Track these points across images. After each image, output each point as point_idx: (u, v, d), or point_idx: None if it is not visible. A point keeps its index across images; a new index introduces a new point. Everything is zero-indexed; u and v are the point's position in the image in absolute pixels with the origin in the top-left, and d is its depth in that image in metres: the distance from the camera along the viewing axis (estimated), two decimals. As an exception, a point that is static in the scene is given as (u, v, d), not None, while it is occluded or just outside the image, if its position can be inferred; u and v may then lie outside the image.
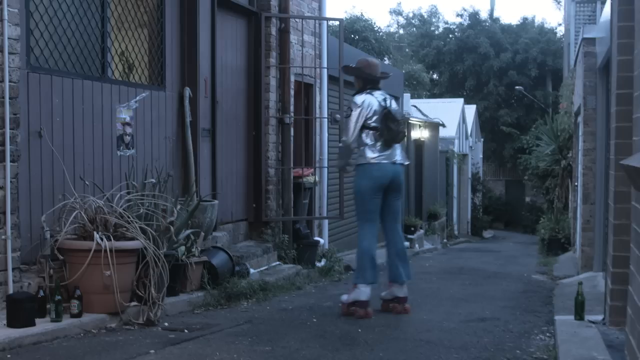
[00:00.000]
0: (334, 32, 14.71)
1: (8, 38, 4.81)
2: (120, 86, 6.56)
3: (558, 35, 36.74)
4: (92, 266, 5.16)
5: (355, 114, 6.14)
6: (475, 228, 28.17)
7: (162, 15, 7.20)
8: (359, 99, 6.22)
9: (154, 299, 5.51)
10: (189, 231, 6.32)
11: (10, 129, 4.87)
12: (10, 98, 4.85)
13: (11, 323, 4.66)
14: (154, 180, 5.83)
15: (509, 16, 59.99)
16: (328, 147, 10.59)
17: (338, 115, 9.21)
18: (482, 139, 32.95)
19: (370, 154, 6.17)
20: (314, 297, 7.62)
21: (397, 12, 44.61)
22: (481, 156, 32.58)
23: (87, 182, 5.69)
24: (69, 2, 5.95)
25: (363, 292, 6.21)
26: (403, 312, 6.43)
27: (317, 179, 10.16)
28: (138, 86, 6.87)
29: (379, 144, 6.19)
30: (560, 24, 37.02)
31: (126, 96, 6.64)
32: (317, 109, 10.48)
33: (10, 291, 4.89)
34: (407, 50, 38.23)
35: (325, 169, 10.45)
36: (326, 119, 10.45)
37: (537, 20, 40.31)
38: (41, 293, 5.02)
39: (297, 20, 9.56)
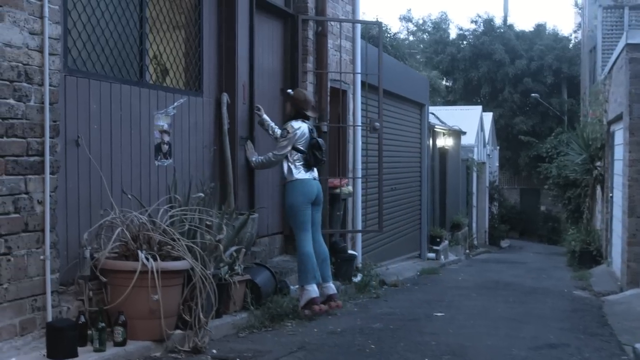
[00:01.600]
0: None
1: (49, 37, 4.35)
2: (158, 91, 6.10)
3: (573, 42, 36.26)
4: (136, 289, 4.69)
5: (290, 136, 6.93)
6: (492, 237, 27.62)
7: (199, 16, 6.75)
8: (296, 124, 7.00)
9: (202, 323, 5.03)
10: (233, 248, 5.85)
11: (50, 137, 4.41)
12: (50, 104, 4.39)
13: (52, 354, 4.19)
14: (202, 195, 5.36)
15: (522, 23, 59.53)
16: (361, 156, 10.11)
17: (377, 124, 8.76)
18: (498, 147, 32.42)
19: (298, 173, 6.94)
20: (358, 316, 7.16)
21: (407, 19, 44.07)
22: (497, 164, 32.05)
23: (129, 196, 5.22)
24: (107, 1, 5.50)
25: (313, 290, 6.84)
26: (337, 307, 7.16)
27: (351, 189, 9.69)
28: (175, 91, 6.41)
29: (303, 164, 6.96)
30: (576, 30, 36.53)
31: (164, 102, 6.18)
32: (351, 116, 10.02)
33: (50, 317, 4.42)
34: (418, 56, 37.73)
35: (359, 180, 9.97)
36: (360, 127, 9.99)
37: (549, 27, 39.85)
38: (82, 319, 4.55)
39: (332, 23, 9.10)
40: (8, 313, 4.15)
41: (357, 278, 9.30)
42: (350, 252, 9.46)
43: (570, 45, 35.77)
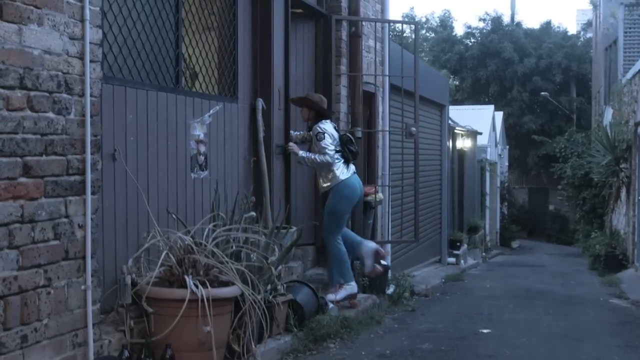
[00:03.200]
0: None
1: (90, 43, 3.91)
2: (194, 98, 5.67)
3: (582, 39, 35.82)
4: (184, 318, 4.25)
5: (328, 136, 6.79)
6: (504, 238, 27.19)
7: (234, 17, 6.31)
8: (324, 126, 6.85)
9: (251, 353, 4.61)
10: (280, 267, 5.41)
11: (91, 153, 3.97)
12: (91, 116, 3.95)
13: (97, 396, 3.77)
14: (254, 214, 4.92)
15: (527, 20, 59.03)
16: (391, 161, 9.69)
17: (414, 129, 8.33)
18: (507, 146, 31.99)
19: (341, 174, 6.87)
20: (402, 335, 6.75)
21: (410, 17, 43.64)
22: (507, 164, 31.62)
23: (174, 216, 4.78)
24: (144, 1, 5.07)
25: (354, 286, 7.12)
26: (384, 254, 7.52)
27: (382, 196, 9.25)
28: (211, 98, 5.98)
29: (343, 162, 6.89)
30: (585, 28, 36.07)
31: (200, 109, 5.75)
32: (380, 120, 9.59)
33: (91, 354, 3.98)
34: (422, 55, 37.25)
35: (388, 187, 9.55)
36: (388, 132, 9.57)
37: (554, 25, 39.38)
38: (126, 354, 4.12)
39: (363, 23, 8.65)
40: (48, 352, 3.71)
41: (390, 290, 8.88)
42: (382, 262, 9.02)
43: (579, 43, 35.34)
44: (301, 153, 6.87)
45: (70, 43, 3.79)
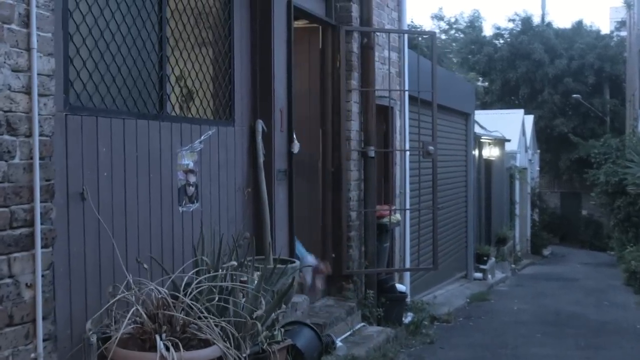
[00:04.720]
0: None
1: (38, 74, 3.38)
2: (181, 124, 5.13)
3: (615, 39, 34.75)
4: (155, 386, 3.71)
5: None
6: (535, 246, 26.35)
7: (230, 32, 5.77)
8: None
9: (236, 420, 4.04)
10: (274, 315, 4.84)
11: (41, 202, 3.44)
12: (41, 159, 3.43)
13: None
14: (235, 263, 4.37)
15: (558, 20, 57.74)
16: (409, 177, 9.10)
17: (432, 147, 7.71)
18: (538, 150, 31.06)
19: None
20: (417, 378, 6.15)
21: (439, 17, 42.83)
22: (537, 169, 30.71)
23: (145, 267, 4.25)
24: (119, 20, 4.54)
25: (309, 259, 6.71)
26: (325, 271, 6.92)
27: (399, 217, 8.67)
28: (202, 122, 5.44)
29: None
30: (618, 27, 35.02)
31: (189, 136, 5.21)
32: (398, 135, 8.98)
33: None
34: (450, 55, 36.44)
35: (407, 206, 8.95)
36: (408, 151, 8.98)
37: (586, 24, 38.36)
38: None
39: (378, 33, 8.06)
40: None
41: (408, 318, 8.29)
42: (399, 287, 8.43)
43: (612, 43, 34.26)
44: None
45: (13, 76, 3.26)
